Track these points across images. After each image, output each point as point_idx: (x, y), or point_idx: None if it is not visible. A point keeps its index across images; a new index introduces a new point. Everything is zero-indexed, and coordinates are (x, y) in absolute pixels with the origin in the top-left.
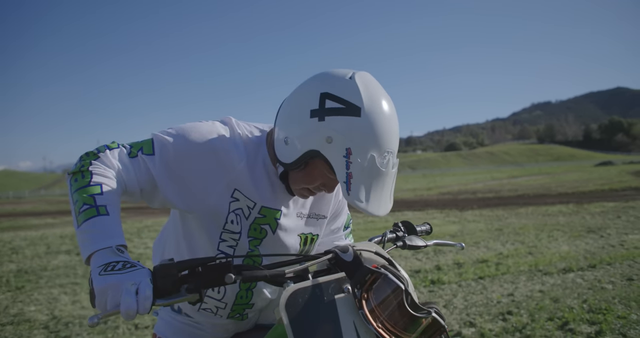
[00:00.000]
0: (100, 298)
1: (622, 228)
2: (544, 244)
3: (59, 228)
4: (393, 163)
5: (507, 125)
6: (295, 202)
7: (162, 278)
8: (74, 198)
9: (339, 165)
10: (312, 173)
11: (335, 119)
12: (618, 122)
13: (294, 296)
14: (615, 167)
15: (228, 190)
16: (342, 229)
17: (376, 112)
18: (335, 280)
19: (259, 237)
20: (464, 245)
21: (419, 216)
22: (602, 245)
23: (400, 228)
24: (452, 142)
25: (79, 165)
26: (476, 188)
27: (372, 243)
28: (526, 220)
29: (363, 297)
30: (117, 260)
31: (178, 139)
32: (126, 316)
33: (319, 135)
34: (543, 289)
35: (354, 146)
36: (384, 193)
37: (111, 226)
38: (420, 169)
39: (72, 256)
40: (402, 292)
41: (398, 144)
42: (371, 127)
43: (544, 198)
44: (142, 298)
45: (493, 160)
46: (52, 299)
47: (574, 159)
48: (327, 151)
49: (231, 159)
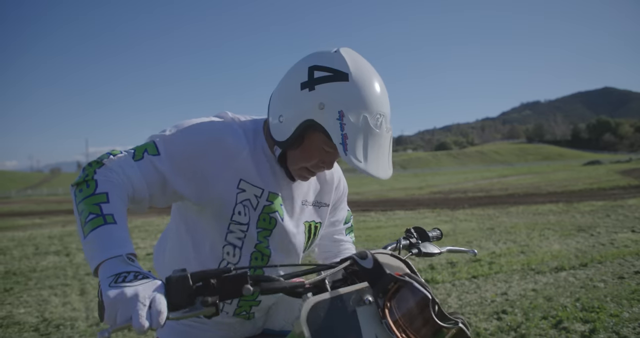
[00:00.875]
0: (111, 312)
1: (611, 227)
2: (536, 243)
3: (47, 228)
4: (387, 127)
5: (497, 124)
6: (299, 190)
7: (176, 291)
8: (79, 208)
9: (334, 129)
10: (310, 149)
11: (325, 86)
12: (606, 122)
13: (315, 308)
14: (603, 166)
15: (234, 180)
16: (342, 223)
17: (363, 77)
18: (357, 291)
19: (268, 227)
20: (476, 252)
21: (411, 215)
22: (592, 243)
23: (413, 234)
24: (442, 141)
25: (83, 175)
26: (467, 188)
27: (389, 252)
28: (517, 219)
29: (386, 306)
30: (128, 271)
31: (180, 135)
32: (138, 331)
33: (311, 103)
34: (536, 288)
35: (345, 108)
36: (381, 155)
37: (119, 234)
38: (411, 168)
39: (61, 257)
40: (430, 302)
41: (389, 110)
42: (360, 90)
43: (533, 198)
44: (155, 313)
45: (483, 159)
46: (42, 301)
47: (563, 158)
48: (321, 118)
49: (234, 148)
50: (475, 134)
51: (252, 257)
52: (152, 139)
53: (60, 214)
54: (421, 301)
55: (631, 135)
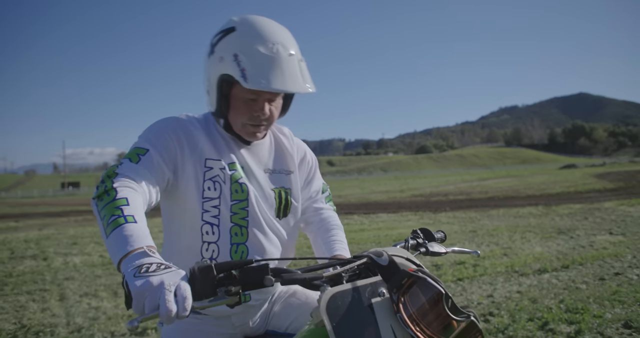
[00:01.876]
0: (138, 301)
1: (589, 229)
2: (518, 245)
3: (23, 232)
4: (288, 53)
5: (476, 128)
6: (257, 158)
7: (199, 280)
8: (102, 214)
9: (234, 70)
10: (237, 105)
11: (218, 45)
12: (581, 127)
13: (334, 299)
14: (579, 170)
15: (201, 161)
16: (320, 193)
17: (249, 22)
18: (372, 284)
19: (242, 197)
20: (479, 253)
21: (394, 218)
22: (572, 246)
23: (419, 235)
24: (423, 144)
25: (102, 188)
26: (447, 191)
27: (402, 249)
28: (498, 222)
29: (400, 300)
30: (150, 262)
31: (154, 134)
32: (166, 318)
33: (214, 63)
34: (521, 290)
35: (238, 50)
36: (287, 75)
37: (140, 231)
38: (391, 171)
39: (38, 261)
40: (442, 296)
41: (290, 39)
42: (248, 32)
43: (513, 200)
44: (181, 300)
45: (463, 162)
46: (19, 307)
47: (540, 162)
48: (224, 68)
49: (195, 135)
50: (455, 137)
51: (232, 233)
52: (134, 145)
53: (36, 217)
54: (434, 296)
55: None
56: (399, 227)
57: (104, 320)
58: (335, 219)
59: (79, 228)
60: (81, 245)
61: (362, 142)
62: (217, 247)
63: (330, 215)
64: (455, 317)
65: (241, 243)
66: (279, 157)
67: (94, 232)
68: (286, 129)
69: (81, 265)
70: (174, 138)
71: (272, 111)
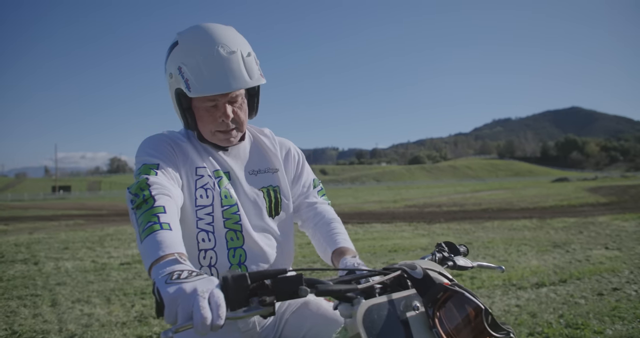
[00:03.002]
0: (171, 308)
1: (585, 243)
2: (514, 258)
3: (13, 235)
4: (229, 51)
5: (469, 140)
6: (239, 161)
7: (234, 289)
8: (139, 221)
9: (181, 83)
10: (201, 115)
11: (167, 62)
12: (573, 140)
13: (369, 312)
14: (571, 184)
15: (192, 170)
16: (312, 187)
17: (189, 32)
18: (406, 297)
19: (231, 202)
20: (504, 269)
21: (388, 228)
22: (569, 260)
23: (444, 248)
24: (416, 155)
25: (140, 197)
26: (441, 202)
27: (434, 263)
28: (493, 234)
29: (435, 315)
30: (182, 269)
31: (153, 149)
32: (201, 326)
33: (168, 80)
34: (519, 304)
35: (181, 62)
36: (228, 74)
37: (173, 238)
38: (384, 181)
39: (29, 266)
40: (482, 311)
41: (231, 38)
42: (186, 42)
43: (507, 213)
44: (215, 307)
45: (455, 174)
46: (10, 312)
47: (532, 175)
48: (175, 83)
49: (183, 147)
50: (448, 148)
51: (228, 238)
52: (141, 162)
53: (26, 220)
54: (473, 311)
55: (597, 154)
56: (394, 238)
57: (97, 327)
58: (332, 213)
59: (70, 232)
60: (73, 250)
61: (356, 151)
62: (214, 254)
63: (326, 209)
64: (495, 333)
65: (238, 247)
66: (262, 157)
67: (86, 237)
68: (267, 129)
69: (73, 270)
70: (170, 150)
71: (237, 112)
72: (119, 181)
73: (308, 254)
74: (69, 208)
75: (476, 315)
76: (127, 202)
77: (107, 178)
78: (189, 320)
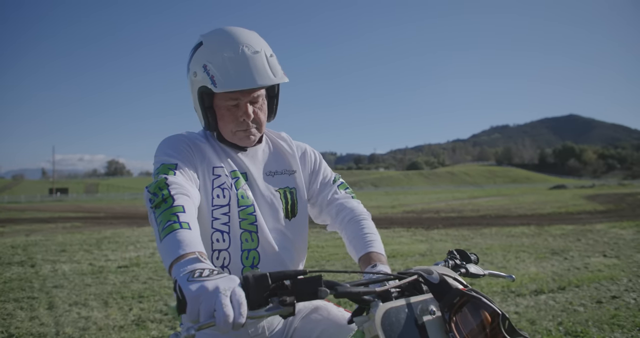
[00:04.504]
0: (193, 306)
1: (583, 251)
2: (513, 265)
3: (9, 237)
4: (254, 51)
5: (467, 146)
6: (257, 162)
7: (255, 288)
8: (158, 220)
9: (206, 80)
10: (222, 113)
11: (191, 62)
12: (570, 148)
13: (387, 315)
14: (568, 191)
15: (209, 170)
16: (332, 182)
17: (214, 34)
18: (422, 301)
19: (248, 203)
20: (514, 278)
21: (387, 234)
22: (567, 267)
23: (456, 255)
24: (414, 160)
25: (160, 197)
26: (439, 208)
27: (449, 269)
28: (491, 241)
29: (452, 319)
30: (203, 267)
31: (172, 149)
32: (223, 324)
33: (192, 79)
34: (518, 311)
35: (206, 60)
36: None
37: (193, 237)
38: (383, 187)
39: (26, 268)
40: (499, 317)
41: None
42: (211, 42)
43: (505, 219)
44: (237, 305)
45: (453, 180)
46: (6, 315)
47: (530, 182)
48: (199, 81)
49: (201, 147)
50: (446, 154)
51: (242, 239)
52: (160, 162)
53: (23, 223)
54: (489, 316)
55: (594, 162)
56: (392, 243)
57: (94, 330)
58: (358, 208)
59: (68, 235)
60: (70, 252)
61: (354, 156)
62: (228, 255)
63: (351, 204)
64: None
65: (252, 249)
66: (279, 159)
67: (83, 240)
68: (284, 133)
69: (70, 272)
70: (189, 150)
71: (257, 113)
72: (116, 184)
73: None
74: (66, 211)
75: (492, 321)
76: (146, 201)
77: (104, 181)
78: (211, 318)
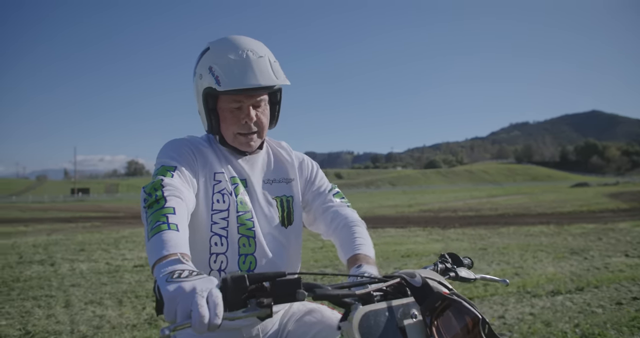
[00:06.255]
0: (170, 306)
1: (604, 250)
2: (530, 265)
3: (32, 236)
4: (257, 55)
5: (486, 144)
6: (258, 170)
7: (232, 289)
8: (149, 220)
9: (210, 80)
10: (225, 116)
11: (198, 65)
12: (593, 145)
13: (366, 318)
14: (591, 189)
15: (210, 175)
16: (327, 191)
17: (221, 41)
18: (404, 305)
19: (246, 209)
20: (508, 282)
21: (402, 233)
22: (587, 267)
23: (447, 259)
24: (431, 159)
25: (153, 197)
26: (456, 207)
27: (434, 273)
28: (509, 240)
29: (433, 323)
30: (182, 269)
31: (174, 152)
32: (199, 324)
33: (197, 82)
34: (533, 312)
35: (212, 63)
36: (257, 73)
37: (178, 239)
38: (400, 186)
39: (45, 267)
40: (479, 321)
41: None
42: (218, 47)
43: (524, 218)
44: (212, 306)
45: (472, 178)
46: (24, 313)
47: (551, 180)
48: (204, 83)
49: (204, 152)
50: (464, 152)
51: (240, 244)
52: (160, 164)
53: (45, 222)
54: (470, 320)
55: (618, 159)
56: (407, 243)
57: (107, 329)
58: (352, 215)
59: (87, 234)
60: (88, 251)
61: (371, 155)
62: (225, 258)
63: (345, 212)
64: None
65: (249, 253)
66: (278, 167)
67: (102, 239)
68: (284, 142)
69: (87, 271)
70: (190, 154)
71: (259, 117)
72: (136, 184)
73: (320, 259)
74: (86, 211)
75: (473, 325)
76: (141, 201)
77: (124, 181)
78: (188, 319)
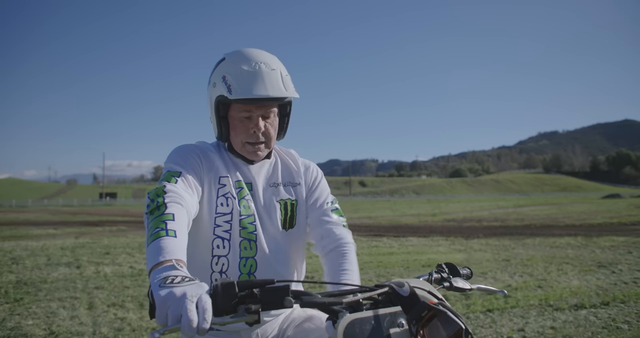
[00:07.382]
0: (161, 310)
1: (634, 264)
2: (554, 277)
3: (60, 239)
4: (270, 68)
5: (513, 153)
6: (264, 175)
7: (222, 295)
8: (150, 226)
9: (223, 89)
10: (235, 124)
11: (212, 74)
12: (626, 155)
13: (352, 326)
14: (623, 200)
15: (215, 179)
16: (325, 204)
17: (236, 52)
18: (391, 314)
19: (249, 212)
20: (506, 293)
21: (424, 243)
22: (614, 281)
23: (444, 269)
24: (457, 168)
25: (154, 203)
26: (481, 216)
27: (424, 282)
28: (533, 251)
29: (418, 332)
30: (176, 274)
31: (181, 158)
32: (187, 328)
33: (210, 90)
34: (555, 326)
35: (225, 72)
36: (267, 84)
37: (176, 245)
38: (424, 194)
39: (72, 269)
40: (462, 331)
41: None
42: (234, 58)
43: (551, 230)
44: (202, 311)
45: (498, 188)
46: (50, 313)
47: (581, 190)
48: (217, 91)
49: (210, 157)
50: (491, 162)
51: (242, 247)
52: (166, 169)
53: (74, 225)
54: (454, 331)
55: None
56: (429, 252)
57: (128, 331)
58: (345, 238)
59: (113, 238)
60: (113, 255)
61: (395, 163)
62: (227, 261)
63: (340, 233)
64: None
65: (250, 257)
66: (284, 171)
67: (127, 243)
68: (293, 150)
69: (111, 275)
70: (197, 159)
71: (268, 127)
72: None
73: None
74: (113, 215)
75: (458, 336)
76: (145, 206)
77: (151, 186)
78: (178, 323)
